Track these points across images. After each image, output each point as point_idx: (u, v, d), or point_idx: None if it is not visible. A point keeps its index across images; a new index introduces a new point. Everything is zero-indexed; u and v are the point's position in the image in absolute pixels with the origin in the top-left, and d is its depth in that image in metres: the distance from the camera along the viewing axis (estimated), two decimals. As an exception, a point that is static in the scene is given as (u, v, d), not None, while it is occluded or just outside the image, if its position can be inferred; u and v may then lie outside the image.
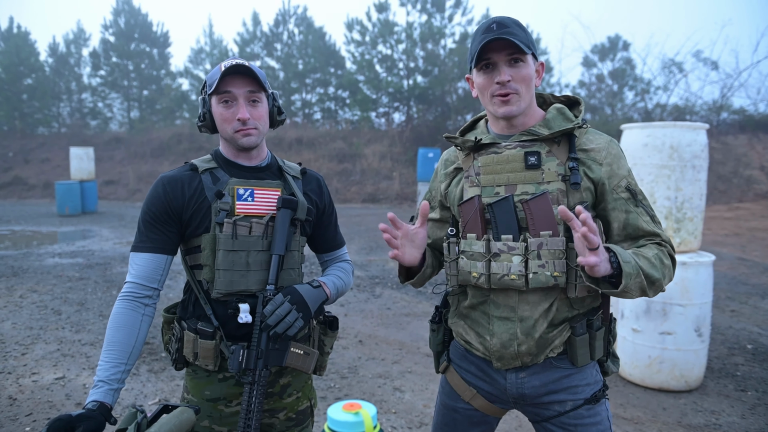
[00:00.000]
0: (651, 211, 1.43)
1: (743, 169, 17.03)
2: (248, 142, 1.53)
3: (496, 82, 1.40)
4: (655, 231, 1.40)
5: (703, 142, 3.74)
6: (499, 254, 1.40)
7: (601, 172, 1.40)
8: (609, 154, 1.41)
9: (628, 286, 1.25)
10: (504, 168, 1.43)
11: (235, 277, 1.50)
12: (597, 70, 22.99)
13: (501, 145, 1.46)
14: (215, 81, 1.49)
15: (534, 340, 1.40)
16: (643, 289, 1.31)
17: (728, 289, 6.80)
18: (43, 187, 21.39)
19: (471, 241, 1.45)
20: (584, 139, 1.44)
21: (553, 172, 1.39)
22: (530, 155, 1.41)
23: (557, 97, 1.55)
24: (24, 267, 7.79)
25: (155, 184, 1.54)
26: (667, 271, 1.36)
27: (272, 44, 26.62)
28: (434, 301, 6.19)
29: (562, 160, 1.40)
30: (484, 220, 1.44)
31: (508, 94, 1.39)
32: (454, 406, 1.61)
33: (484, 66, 1.42)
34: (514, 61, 1.39)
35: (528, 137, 1.43)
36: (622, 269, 1.24)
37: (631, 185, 1.41)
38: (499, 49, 1.38)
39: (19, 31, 28.99)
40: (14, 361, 4.24)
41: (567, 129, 1.39)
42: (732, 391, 3.83)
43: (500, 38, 1.35)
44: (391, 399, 3.65)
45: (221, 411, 1.57)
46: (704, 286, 3.71)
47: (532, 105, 1.47)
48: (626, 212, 1.40)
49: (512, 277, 1.38)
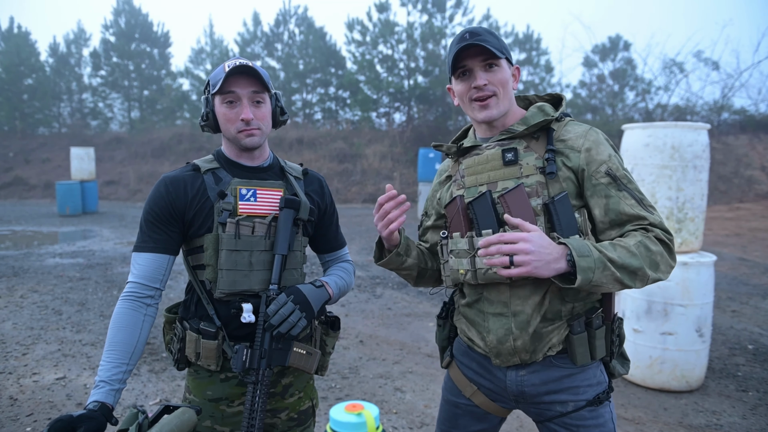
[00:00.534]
0: (638, 195, 1.39)
1: (744, 169, 17.03)
2: (251, 142, 1.53)
3: (473, 86, 1.45)
4: (639, 214, 1.35)
5: (704, 142, 3.74)
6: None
7: (579, 160, 1.40)
8: (587, 140, 1.42)
9: (594, 280, 1.24)
10: (485, 167, 1.48)
11: (238, 276, 1.50)
12: (598, 70, 23.00)
13: (482, 146, 1.51)
14: (219, 81, 1.49)
15: (529, 334, 1.41)
16: (621, 281, 1.28)
17: (729, 289, 6.80)
18: (43, 187, 21.40)
19: (456, 240, 1.49)
20: (562, 131, 1.46)
21: (532, 166, 1.41)
22: (507, 152, 1.45)
23: (542, 96, 1.59)
24: (25, 267, 7.80)
25: (158, 184, 1.54)
26: (658, 257, 1.30)
27: (273, 44, 26.62)
28: (435, 301, 6.19)
29: (540, 154, 1.42)
30: (467, 218, 1.48)
31: (486, 97, 1.45)
32: (456, 401, 1.63)
33: (461, 74, 1.48)
34: (489, 66, 1.45)
35: (506, 136, 1.47)
36: (576, 264, 1.23)
37: (611, 170, 1.38)
38: (473, 56, 1.44)
39: (20, 31, 28.98)
40: (15, 361, 4.24)
41: (541, 122, 1.43)
42: (733, 391, 3.82)
43: (473, 45, 1.40)
44: (392, 399, 3.64)
45: (223, 411, 1.57)
46: (705, 287, 3.70)
47: (511, 107, 1.51)
48: (606, 197, 1.38)
49: (495, 271, 1.38)
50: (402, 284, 6.95)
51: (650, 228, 1.35)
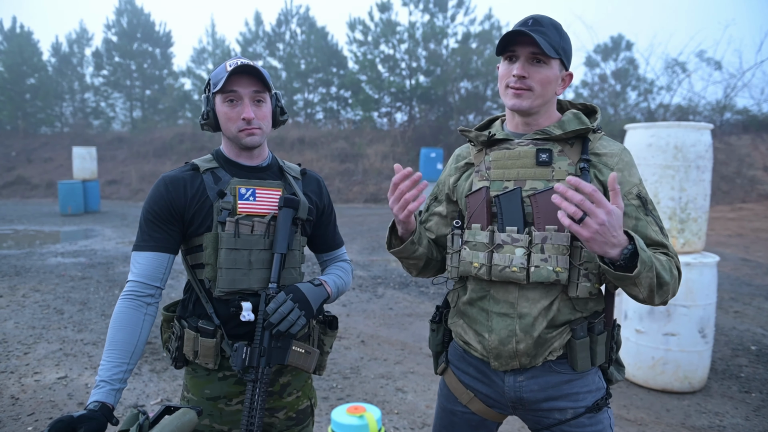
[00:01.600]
0: (660, 223, 1.41)
1: (747, 169, 16.99)
2: (252, 141, 1.53)
3: (513, 74, 1.41)
4: (663, 242, 1.38)
5: (707, 142, 3.72)
6: (502, 245, 1.40)
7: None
8: (621, 161, 1.42)
9: (641, 276, 1.21)
10: (515, 163, 1.44)
11: (237, 275, 1.50)
12: (600, 69, 22.95)
13: (514, 141, 1.47)
14: (221, 80, 1.48)
15: (533, 338, 1.39)
16: (652, 289, 1.27)
17: (732, 290, 6.78)
18: (45, 186, 21.44)
19: (475, 232, 1.45)
20: (597, 144, 1.44)
21: (564, 171, 1.39)
22: (542, 152, 1.41)
23: (574, 104, 1.56)
24: (26, 266, 7.80)
25: (157, 183, 1.54)
26: (673, 281, 1.33)
27: (274, 44, 26.65)
28: (436, 301, 6.18)
29: (574, 161, 1.41)
30: (490, 211, 1.45)
31: (520, 88, 1.40)
32: (452, 409, 1.60)
33: (509, 57, 1.43)
34: (536, 60, 1.39)
35: (541, 136, 1.44)
36: (638, 254, 1.20)
37: (642, 193, 1.40)
38: (525, 44, 1.38)
39: (22, 30, 29.05)
40: (17, 360, 4.24)
41: (580, 130, 1.40)
42: (736, 392, 3.81)
43: (527, 34, 1.35)
44: (393, 399, 3.64)
45: (221, 409, 1.57)
46: (708, 287, 3.69)
47: (548, 107, 1.47)
48: (636, 219, 1.38)
49: (513, 269, 1.37)
50: (403, 284, 6.94)
51: (670, 255, 1.37)
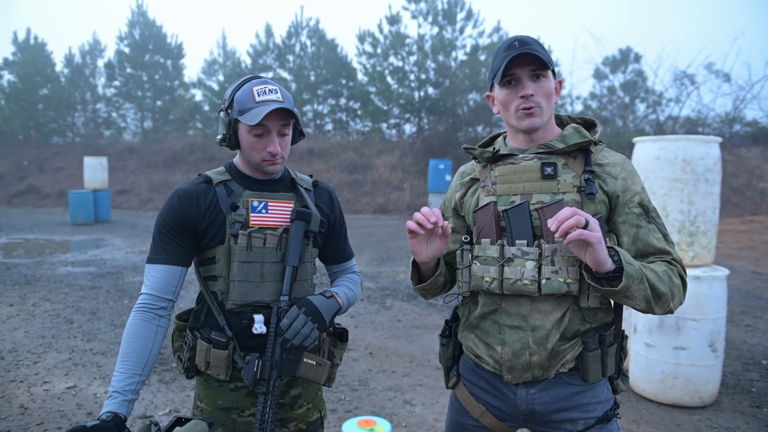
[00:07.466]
0: (664, 230, 1.44)
1: (756, 181, 16.87)
2: (274, 170, 1.57)
3: (520, 96, 1.44)
4: (666, 249, 1.41)
5: (716, 155, 3.72)
6: (512, 259, 1.42)
7: (615, 186, 1.43)
8: (624, 170, 1.45)
9: (631, 289, 1.27)
10: (520, 178, 1.47)
11: (250, 288, 1.52)
12: (608, 82, 22.92)
13: (518, 156, 1.50)
14: (249, 110, 1.48)
15: (547, 351, 1.40)
16: (648, 300, 1.31)
17: (742, 303, 6.72)
18: (56, 195, 21.61)
19: (485, 246, 1.47)
20: (600, 155, 1.48)
21: (569, 184, 1.42)
22: (547, 166, 1.44)
23: (574, 118, 1.59)
24: (37, 275, 7.87)
25: (170, 196, 1.56)
26: (676, 290, 1.36)
27: (284, 56, 26.82)
28: (445, 313, 6.17)
29: (578, 173, 1.43)
30: (499, 226, 1.47)
31: (531, 107, 1.44)
32: (463, 423, 1.60)
33: (507, 82, 1.46)
34: (536, 76, 1.44)
35: (545, 150, 1.46)
36: (623, 268, 1.26)
37: (644, 201, 1.44)
38: (522, 65, 1.43)
39: (36, 42, 29.45)
40: (26, 369, 4.26)
41: (583, 143, 1.44)
42: (747, 407, 3.77)
43: (525, 54, 1.39)
44: (401, 412, 3.63)
45: (234, 420, 1.58)
46: (718, 301, 3.66)
47: (551, 120, 1.51)
48: (637, 227, 1.42)
49: (525, 282, 1.39)
50: (412, 296, 6.93)
51: (673, 263, 1.40)
